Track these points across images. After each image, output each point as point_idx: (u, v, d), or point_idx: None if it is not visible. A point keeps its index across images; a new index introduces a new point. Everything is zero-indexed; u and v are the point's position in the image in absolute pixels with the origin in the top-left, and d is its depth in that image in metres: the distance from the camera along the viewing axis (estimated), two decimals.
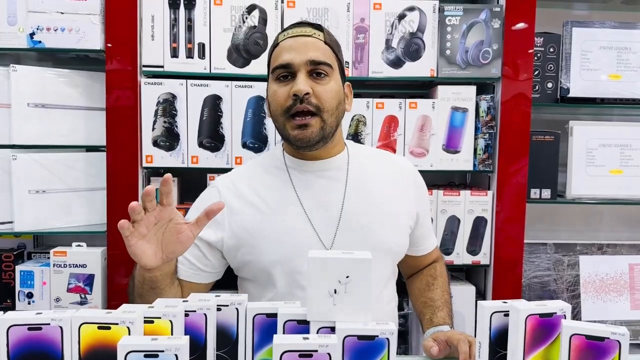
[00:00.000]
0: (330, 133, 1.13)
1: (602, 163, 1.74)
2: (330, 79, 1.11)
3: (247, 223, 1.14)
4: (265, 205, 1.15)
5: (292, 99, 1.08)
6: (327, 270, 0.82)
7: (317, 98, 1.09)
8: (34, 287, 1.60)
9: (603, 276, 1.78)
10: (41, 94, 1.58)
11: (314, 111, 1.09)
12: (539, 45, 1.70)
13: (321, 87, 1.10)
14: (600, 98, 1.74)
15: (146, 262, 0.98)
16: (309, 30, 1.12)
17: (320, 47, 1.11)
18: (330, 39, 1.15)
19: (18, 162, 1.55)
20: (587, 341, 0.82)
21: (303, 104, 1.08)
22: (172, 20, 1.58)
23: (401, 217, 1.21)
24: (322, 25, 1.16)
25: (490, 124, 1.64)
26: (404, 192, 1.24)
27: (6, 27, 1.55)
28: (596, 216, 2.01)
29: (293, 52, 1.09)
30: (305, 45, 1.10)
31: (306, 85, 1.07)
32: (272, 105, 1.13)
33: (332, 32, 1.15)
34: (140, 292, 1.06)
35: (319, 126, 1.10)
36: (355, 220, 1.15)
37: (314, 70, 1.10)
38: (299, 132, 1.09)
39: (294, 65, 1.09)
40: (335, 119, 1.13)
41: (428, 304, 1.23)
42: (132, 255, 0.98)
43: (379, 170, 1.24)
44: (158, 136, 1.59)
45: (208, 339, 0.85)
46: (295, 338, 0.76)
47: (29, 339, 0.79)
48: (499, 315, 0.89)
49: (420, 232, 1.29)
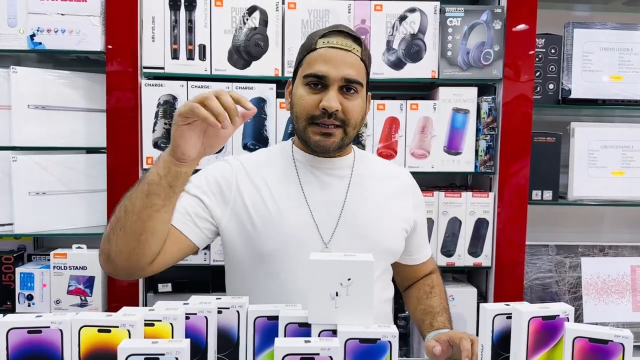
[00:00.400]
0: (348, 143, 1.17)
1: (603, 164, 1.74)
2: (358, 96, 1.14)
3: (251, 205, 1.15)
4: (269, 193, 1.17)
5: (320, 110, 1.10)
6: (328, 272, 0.82)
7: (344, 113, 1.11)
8: (34, 289, 1.59)
9: (605, 278, 1.78)
10: (41, 96, 1.58)
11: (339, 124, 1.12)
12: (540, 46, 1.69)
13: (350, 103, 1.12)
14: (601, 99, 1.74)
15: (186, 150, 0.97)
16: (348, 44, 1.13)
17: (357, 64, 1.13)
18: (366, 55, 1.17)
19: (18, 163, 1.54)
20: (590, 344, 0.81)
21: (330, 119, 1.10)
22: (173, 22, 1.58)
23: (398, 221, 1.23)
24: (361, 40, 1.16)
25: (491, 125, 1.64)
26: (403, 199, 1.26)
27: (6, 29, 1.55)
28: (598, 218, 2.00)
29: (330, 65, 1.10)
30: (344, 60, 1.11)
31: (337, 102, 1.10)
32: (297, 108, 1.15)
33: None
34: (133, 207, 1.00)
35: (341, 137, 1.13)
36: (354, 217, 1.17)
37: (345, 86, 1.11)
38: (321, 139, 1.12)
39: (329, 78, 1.10)
40: (355, 132, 1.16)
41: (427, 311, 1.23)
42: (177, 139, 0.96)
43: (380, 175, 1.27)
44: (158, 138, 1.58)
45: (209, 342, 0.84)
46: (296, 341, 0.75)
47: (29, 342, 0.78)
48: (502, 317, 0.89)
49: (416, 241, 1.31)
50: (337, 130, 1.12)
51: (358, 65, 1.13)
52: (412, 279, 1.36)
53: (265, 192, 1.17)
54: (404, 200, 1.26)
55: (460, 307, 1.66)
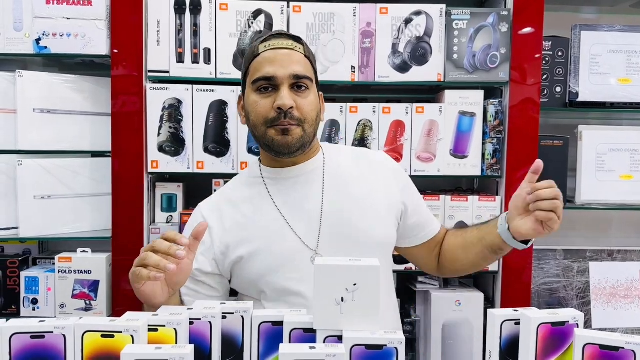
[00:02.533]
0: (308, 142, 1.15)
1: (612, 168, 1.72)
2: (310, 92, 1.14)
3: (232, 240, 1.15)
4: (245, 219, 1.16)
5: (275, 111, 1.10)
6: (334, 278, 0.81)
7: (299, 111, 1.12)
8: (38, 293, 1.59)
9: (613, 283, 1.75)
10: (47, 100, 1.58)
11: (295, 123, 1.12)
12: (547, 49, 1.68)
13: (303, 100, 1.12)
14: (609, 102, 1.72)
15: (157, 301, 1.00)
16: (290, 43, 1.14)
17: (302, 60, 1.14)
18: (309, 52, 1.17)
19: (23, 167, 1.55)
20: (601, 351, 0.80)
21: (287, 118, 1.10)
22: (178, 26, 1.57)
23: (384, 209, 1.20)
24: (301, 38, 1.17)
25: (498, 128, 1.63)
26: (385, 184, 1.23)
27: (12, 33, 1.56)
28: (606, 222, 1.98)
29: (276, 64, 1.11)
30: (289, 59, 1.12)
31: (290, 99, 1.10)
32: (252, 115, 1.14)
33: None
34: None
35: (300, 134, 1.12)
36: (336, 218, 1.15)
37: (295, 83, 1.12)
38: (282, 138, 1.12)
39: (278, 78, 1.11)
40: (314, 130, 1.16)
41: (474, 228, 1.23)
42: (143, 296, 1.00)
43: (355, 166, 1.24)
44: (163, 141, 1.58)
45: (213, 347, 0.83)
46: (301, 347, 0.74)
47: (32, 348, 0.78)
48: (510, 323, 0.88)
49: (416, 220, 1.26)
50: (295, 128, 1.11)
51: (304, 62, 1.14)
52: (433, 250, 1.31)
53: (242, 221, 1.16)
54: (387, 187, 1.22)
55: (467, 312, 1.64)
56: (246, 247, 1.14)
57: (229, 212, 1.18)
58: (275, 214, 1.16)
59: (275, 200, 1.17)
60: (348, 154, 1.28)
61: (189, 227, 1.19)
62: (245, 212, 1.17)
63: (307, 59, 1.15)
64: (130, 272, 0.98)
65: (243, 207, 1.18)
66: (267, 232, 1.14)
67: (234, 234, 1.15)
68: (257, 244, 1.14)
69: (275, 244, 1.13)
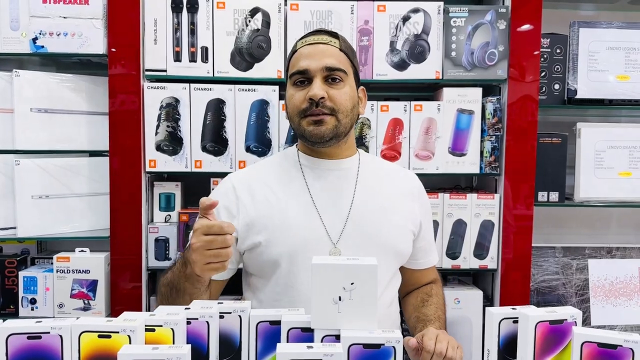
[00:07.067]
0: (343, 132, 1.18)
1: (610, 165, 1.71)
2: (345, 84, 1.17)
3: (258, 214, 1.17)
4: (275, 197, 1.19)
5: (308, 102, 1.14)
6: (331, 276, 0.81)
7: (332, 101, 1.15)
8: (37, 292, 1.59)
9: (612, 280, 1.75)
10: (44, 99, 1.57)
11: (328, 112, 1.15)
12: (545, 46, 1.68)
13: (336, 91, 1.15)
14: (608, 99, 1.72)
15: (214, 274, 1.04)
16: (325, 38, 1.18)
17: (336, 54, 1.17)
18: (346, 46, 1.21)
19: (21, 167, 1.54)
20: (599, 349, 0.80)
21: (319, 108, 1.13)
22: (175, 24, 1.57)
23: (407, 222, 1.23)
24: (339, 33, 1.21)
25: (496, 126, 1.62)
26: (410, 201, 1.27)
27: (9, 32, 1.55)
28: (605, 219, 1.98)
29: (310, 59, 1.16)
30: (322, 53, 1.16)
31: (321, 89, 1.13)
32: (289, 108, 1.20)
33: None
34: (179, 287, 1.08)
35: (334, 124, 1.15)
36: (363, 217, 1.18)
37: (329, 76, 1.15)
38: (315, 128, 1.15)
39: (311, 71, 1.15)
40: (350, 120, 1.18)
41: (421, 319, 1.23)
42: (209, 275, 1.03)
43: (387, 177, 1.28)
44: (161, 140, 1.58)
45: (210, 347, 0.83)
46: (299, 347, 0.74)
47: (29, 348, 0.78)
48: (508, 321, 0.88)
49: (421, 245, 1.30)
50: (329, 117, 1.14)
51: (338, 55, 1.17)
52: (413, 285, 1.35)
53: (272, 198, 1.18)
54: (411, 202, 1.26)
55: (466, 310, 1.64)
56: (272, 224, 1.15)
57: (260, 188, 1.20)
58: (307, 198, 1.18)
59: (309, 185, 1.20)
60: (382, 164, 1.34)
61: (217, 194, 1.22)
62: (276, 191, 1.19)
63: (343, 53, 1.18)
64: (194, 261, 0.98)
65: (276, 186, 1.20)
66: (296, 214, 1.16)
67: (261, 208, 1.17)
68: (283, 223, 1.15)
69: (303, 226, 1.15)
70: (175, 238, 1.60)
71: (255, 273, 1.22)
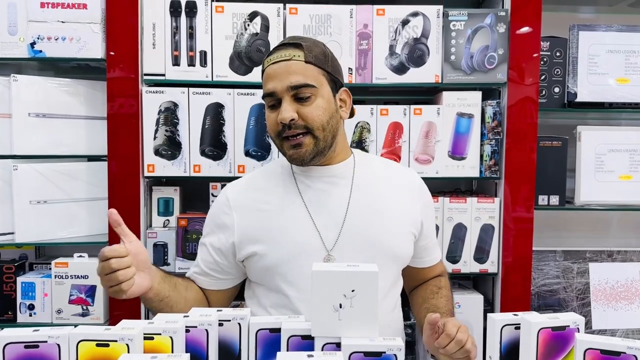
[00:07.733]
0: (325, 147, 1.15)
1: (611, 168, 1.71)
2: (315, 97, 1.13)
3: (253, 225, 1.17)
4: (269, 206, 1.18)
5: (280, 125, 1.12)
6: (331, 284, 0.80)
7: (304, 120, 1.12)
8: (35, 298, 1.58)
9: (613, 284, 1.75)
10: (42, 104, 1.57)
11: (304, 131, 1.12)
12: (545, 49, 1.67)
13: (307, 109, 1.12)
14: (608, 102, 1.71)
15: (145, 289, 1.07)
16: (289, 53, 1.13)
17: (300, 69, 1.12)
18: (313, 55, 1.14)
19: (19, 172, 1.53)
20: (602, 356, 0.79)
21: (291, 129, 1.12)
22: (174, 28, 1.56)
23: (406, 224, 1.21)
24: (302, 43, 1.14)
25: (496, 129, 1.62)
26: (410, 200, 1.24)
27: (7, 37, 1.54)
28: (606, 222, 1.98)
29: (275, 80, 1.12)
30: (287, 71, 1.12)
31: (290, 111, 1.10)
32: (268, 130, 1.19)
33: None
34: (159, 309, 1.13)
35: (312, 143, 1.13)
36: (358, 223, 1.16)
37: (296, 94, 1.12)
38: (294, 152, 1.14)
39: (277, 93, 1.12)
40: (330, 132, 1.15)
41: (431, 310, 1.21)
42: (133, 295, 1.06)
43: (385, 177, 1.25)
44: (160, 145, 1.57)
45: (210, 355, 0.82)
46: (299, 355, 0.73)
47: (26, 357, 0.77)
48: (510, 328, 0.87)
49: (424, 244, 1.29)
50: (306, 137, 1.12)
51: (303, 69, 1.12)
52: (419, 280, 1.34)
53: (266, 208, 1.18)
54: (411, 203, 1.24)
55: (467, 315, 1.63)
56: (267, 234, 1.16)
57: (254, 198, 1.20)
58: (301, 207, 1.17)
59: (302, 193, 1.19)
60: (379, 163, 1.30)
61: (213, 211, 1.25)
62: (270, 201, 1.19)
63: (310, 64, 1.13)
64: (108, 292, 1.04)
65: (270, 196, 1.20)
66: (289, 222, 1.16)
67: (255, 218, 1.17)
68: (277, 232, 1.15)
69: (296, 233, 1.15)
70: (173, 243, 1.59)
71: (255, 280, 1.22)
